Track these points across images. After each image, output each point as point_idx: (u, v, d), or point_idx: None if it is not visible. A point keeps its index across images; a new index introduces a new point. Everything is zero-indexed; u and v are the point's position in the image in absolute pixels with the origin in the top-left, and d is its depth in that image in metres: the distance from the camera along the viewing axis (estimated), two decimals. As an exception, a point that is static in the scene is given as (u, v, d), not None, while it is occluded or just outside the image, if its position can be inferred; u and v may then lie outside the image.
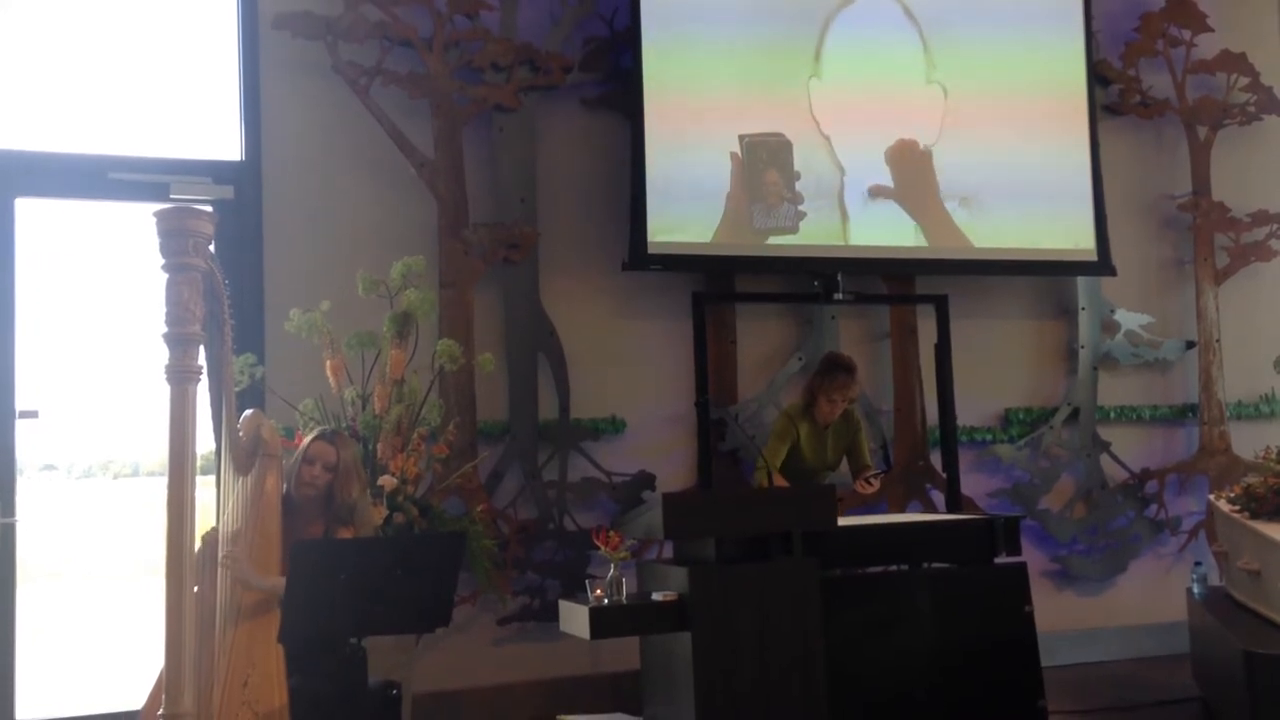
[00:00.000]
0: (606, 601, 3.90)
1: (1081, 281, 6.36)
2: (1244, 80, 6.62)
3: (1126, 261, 6.36)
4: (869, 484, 5.15)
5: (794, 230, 5.70)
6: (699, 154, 5.60)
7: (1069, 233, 6.18)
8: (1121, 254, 6.31)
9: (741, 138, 5.64)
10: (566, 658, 5.28)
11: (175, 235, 2.89)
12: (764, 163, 5.68)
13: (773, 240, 5.69)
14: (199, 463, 2.98)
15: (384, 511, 4.41)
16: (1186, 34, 6.58)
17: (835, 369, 5.10)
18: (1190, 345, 6.51)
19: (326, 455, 3.72)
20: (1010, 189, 6.08)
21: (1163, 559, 6.42)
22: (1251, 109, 6.64)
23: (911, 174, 5.94)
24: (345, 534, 3.69)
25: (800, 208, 5.70)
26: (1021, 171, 6.10)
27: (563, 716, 4.35)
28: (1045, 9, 6.27)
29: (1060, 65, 6.25)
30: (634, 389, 5.66)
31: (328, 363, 4.67)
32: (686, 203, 5.56)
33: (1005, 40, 6.18)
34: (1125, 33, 6.55)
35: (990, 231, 6.04)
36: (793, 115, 5.78)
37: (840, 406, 5.12)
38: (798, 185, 5.72)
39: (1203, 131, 6.59)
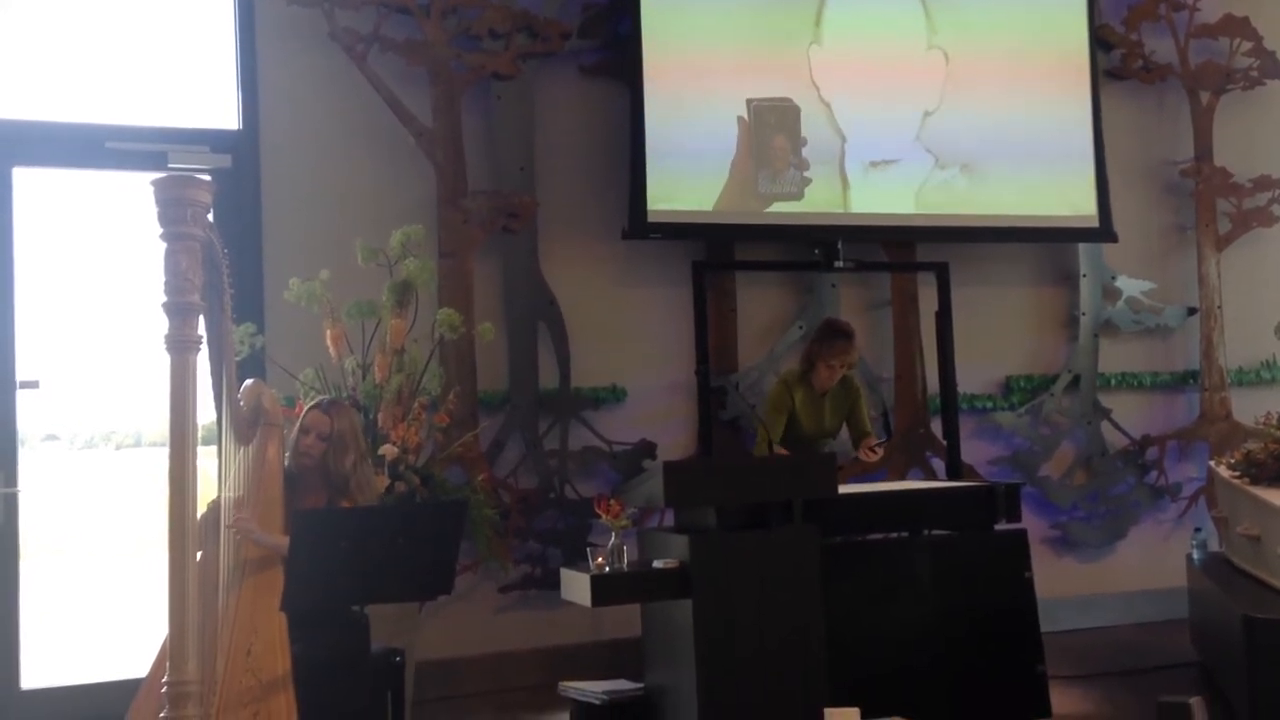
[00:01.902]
0: (608, 569, 3.91)
1: (1083, 248, 6.35)
2: (1247, 45, 6.57)
3: (1128, 228, 6.34)
4: (873, 452, 5.13)
5: (799, 197, 5.68)
6: (699, 122, 5.57)
7: (1070, 199, 6.16)
8: (1123, 220, 6.29)
9: (749, 102, 5.61)
10: (568, 625, 5.31)
11: (173, 204, 2.88)
12: (772, 128, 5.65)
13: (777, 207, 5.67)
14: (200, 433, 2.98)
15: (385, 480, 4.42)
16: (1190, -2, 6.54)
17: (833, 335, 5.08)
18: (1191, 312, 6.50)
19: (320, 425, 3.71)
20: (1011, 155, 6.06)
21: (1162, 525, 6.44)
22: (1254, 74, 6.59)
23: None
24: (346, 505, 3.70)
25: (805, 174, 5.68)
26: (1023, 137, 6.08)
27: (564, 683, 4.37)
28: (1047, -27, 6.23)
29: (1062, 30, 6.21)
30: (634, 358, 5.66)
31: (328, 332, 4.67)
32: (687, 171, 5.54)
33: (1007, 5, 6.14)
34: (1128, -4, 6.51)
35: (991, 198, 6.02)
36: (793, 82, 5.75)
37: (839, 373, 5.10)
38: (804, 151, 5.69)
39: (1205, 96, 6.55)
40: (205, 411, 3.23)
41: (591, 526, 5.28)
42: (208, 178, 3.03)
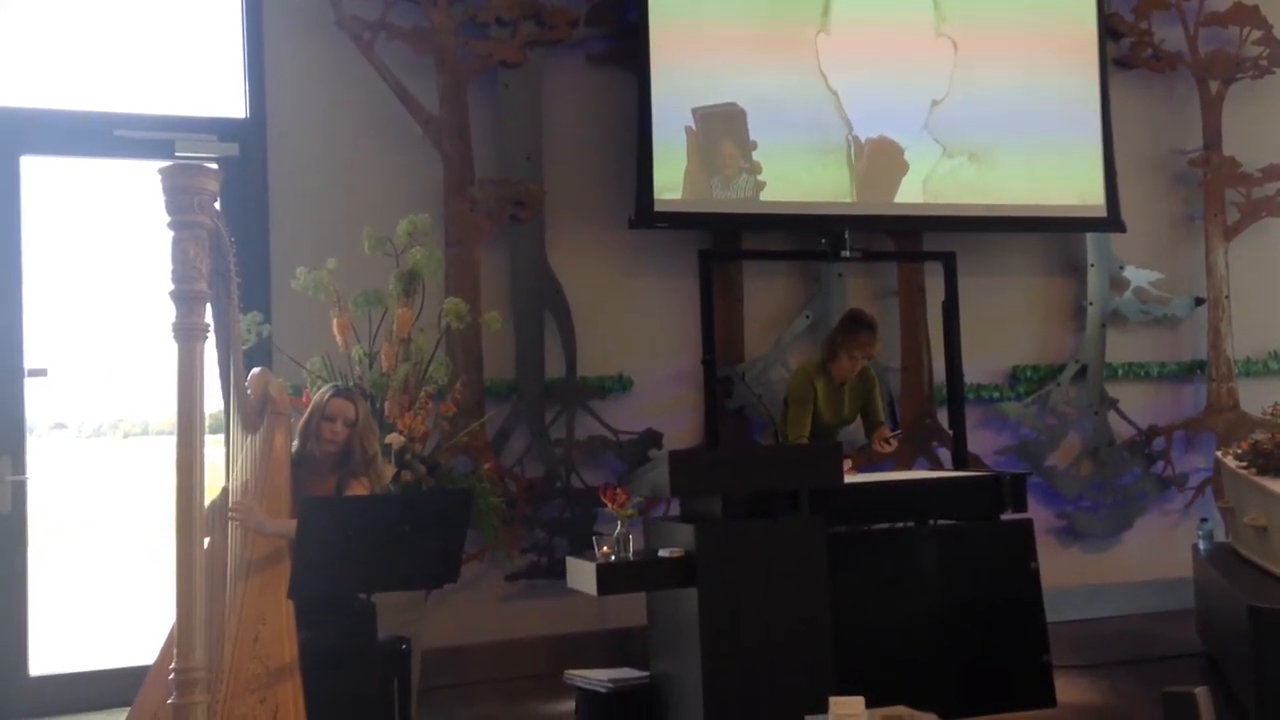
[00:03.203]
0: (613, 558, 3.92)
1: (1091, 238, 6.33)
2: (1257, 33, 6.55)
3: (1136, 217, 6.33)
4: (887, 444, 5.12)
5: (755, 201, 5.64)
6: (731, 101, 5.57)
7: (1078, 188, 6.14)
8: (1131, 210, 6.27)
9: (695, 110, 5.54)
10: (574, 614, 5.32)
11: (181, 192, 2.89)
12: (719, 133, 5.60)
13: (782, 195, 5.66)
14: (208, 421, 2.99)
15: (392, 469, 4.43)
16: (1199, -14, 6.50)
17: (859, 325, 5.04)
18: (1199, 302, 6.49)
19: (346, 411, 3.75)
20: (1019, 144, 6.04)
21: (1169, 515, 6.43)
22: (1264, 62, 6.57)
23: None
24: (359, 486, 3.71)
25: (759, 178, 5.64)
26: (1031, 126, 6.06)
27: (570, 671, 4.38)
28: (1056, -39, 6.20)
29: (1071, 18, 6.19)
30: (641, 347, 5.66)
31: (335, 321, 4.67)
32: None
33: (1016, -7, 6.13)
34: (1137, -15, 6.48)
35: (999, 187, 6.01)
36: (801, 70, 5.74)
37: (860, 363, 5.06)
38: (755, 155, 5.62)
39: (1214, 85, 6.52)
40: (213, 400, 3.23)
41: (597, 515, 5.29)
42: (215, 166, 3.03)
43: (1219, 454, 5.73)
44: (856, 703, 3.36)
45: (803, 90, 5.72)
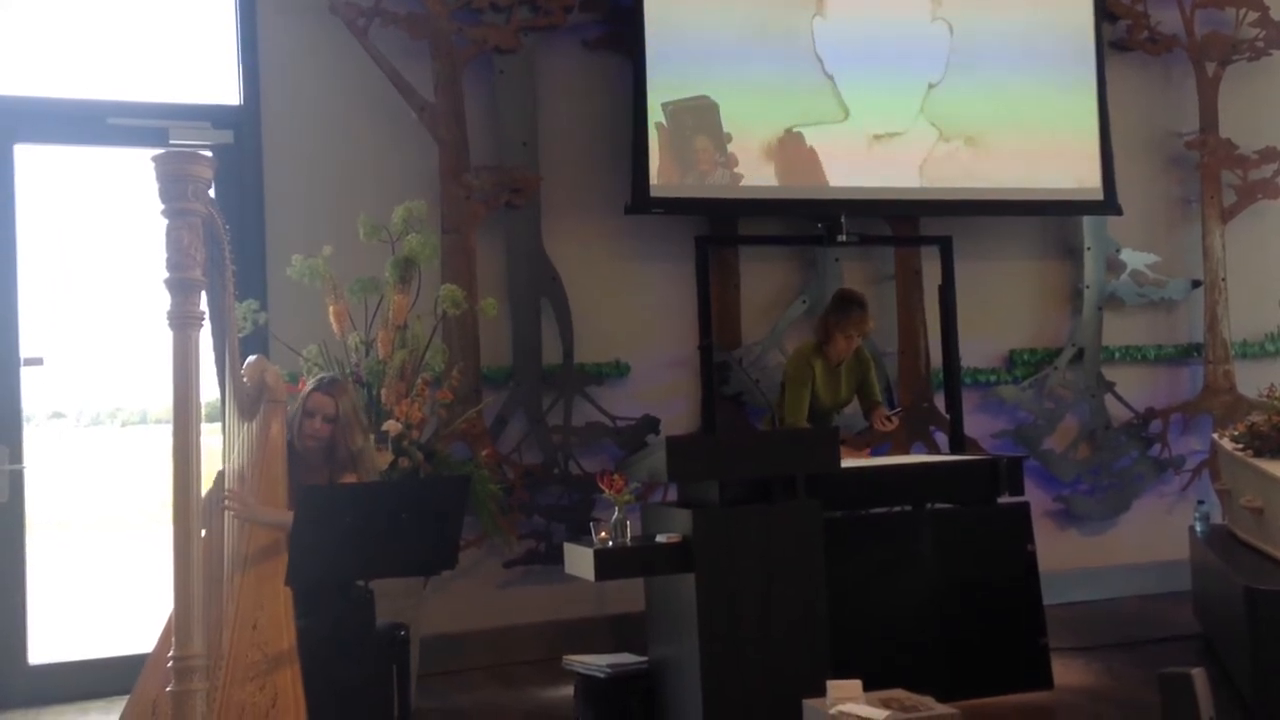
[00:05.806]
0: (611, 544, 3.92)
1: (1087, 221, 6.33)
2: (1253, 15, 6.53)
3: (1132, 200, 6.32)
4: (889, 421, 5.13)
5: (751, 187, 5.63)
6: (702, 95, 5.54)
7: (1075, 171, 6.13)
8: (1128, 193, 6.27)
9: (664, 106, 5.49)
10: (572, 600, 5.33)
11: (175, 180, 2.88)
12: (691, 129, 5.56)
13: (779, 180, 5.65)
14: (204, 409, 2.99)
15: (389, 456, 4.43)
16: (1196, -32, 6.48)
17: (850, 304, 5.03)
18: (1196, 284, 6.49)
19: (325, 407, 3.72)
20: (1016, 127, 6.03)
21: (1166, 498, 6.44)
22: (1260, 44, 6.55)
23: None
24: (350, 480, 3.71)
25: (735, 170, 5.62)
26: (1028, 109, 6.05)
27: (568, 657, 4.39)
28: (1053, -57, 6.18)
29: (1067, 0, 6.17)
30: (637, 333, 5.66)
31: (331, 308, 4.67)
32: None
33: (1012, -24, 6.10)
34: (1134, -33, 6.46)
35: (995, 171, 6.00)
36: (796, 55, 5.72)
37: (855, 342, 5.05)
38: (729, 147, 5.59)
39: (1211, 67, 6.51)
40: (209, 388, 3.23)
41: (595, 501, 5.30)
42: (209, 154, 3.03)
43: (1215, 436, 5.74)
44: (854, 686, 3.37)
45: (799, 74, 5.70)
